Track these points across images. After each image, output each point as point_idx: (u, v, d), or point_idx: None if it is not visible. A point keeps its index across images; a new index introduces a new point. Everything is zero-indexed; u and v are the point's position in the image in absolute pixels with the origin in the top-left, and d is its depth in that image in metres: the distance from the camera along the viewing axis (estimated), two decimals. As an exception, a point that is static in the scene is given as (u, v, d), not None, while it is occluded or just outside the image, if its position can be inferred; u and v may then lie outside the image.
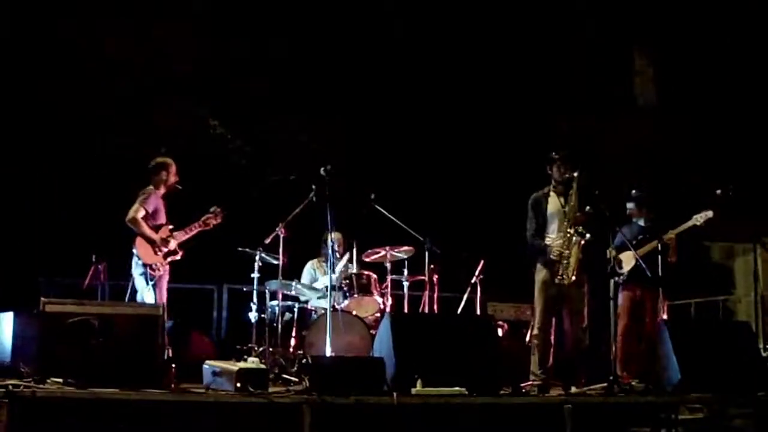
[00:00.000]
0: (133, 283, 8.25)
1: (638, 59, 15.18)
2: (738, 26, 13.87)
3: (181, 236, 8.30)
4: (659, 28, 14.33)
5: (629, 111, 14.53)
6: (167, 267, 8.14)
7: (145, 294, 7.99)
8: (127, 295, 8.29)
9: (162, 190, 8.31)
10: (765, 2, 13.39)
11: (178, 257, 8.25)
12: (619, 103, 14.46)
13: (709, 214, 8.31)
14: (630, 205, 8.88)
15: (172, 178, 8.33)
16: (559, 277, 7.55)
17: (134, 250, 8.06)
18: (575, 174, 7.68)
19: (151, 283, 7.91)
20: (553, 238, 7.70)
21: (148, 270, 7.95)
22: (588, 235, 7.52)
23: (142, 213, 8.01)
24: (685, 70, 14.19)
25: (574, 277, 7.52)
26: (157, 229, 8.12)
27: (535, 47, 13.77)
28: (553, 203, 7.77)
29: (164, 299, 8.01)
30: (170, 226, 8.24)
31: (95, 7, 12.21)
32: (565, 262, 7.56)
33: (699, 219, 8.37)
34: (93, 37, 12.20)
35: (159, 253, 8.04)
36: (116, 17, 12.32)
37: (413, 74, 13.38)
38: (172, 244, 8.15)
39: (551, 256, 7.61)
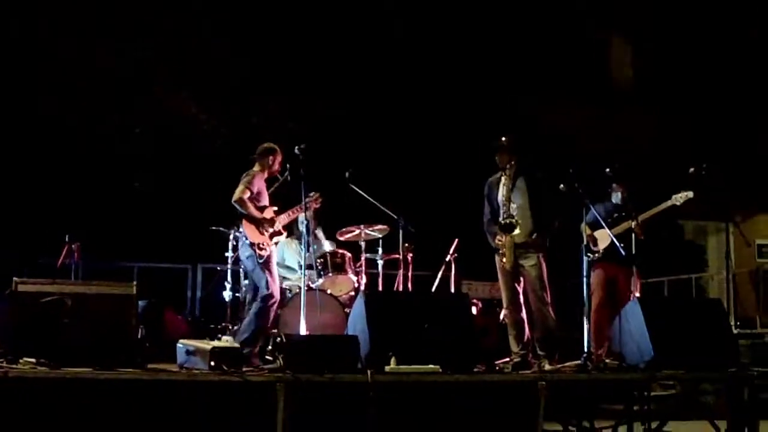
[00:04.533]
0: (244, 267, 8.31)
1: (616, 47, 15.26)
2: (715, 16, 13.97)
3: (284, 219, 8.28)
4: (637, 16, 14.41)
5: (606, 97, 14.62)
6: (273, 247, 8.09)
7: (257, 275, 7.95)
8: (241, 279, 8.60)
9: (265, 174, 8.24)
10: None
11: (282, 238, 8.23)
12: (595, 90, 14.54)
13: (690, 194, 8.24)
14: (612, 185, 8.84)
15: (276, 166, 8.24)
16: (502, 262, 7.73)
17: (241, 231, 8.01)
18: (512, 162, 7.78)
19: (260, 263, 7.84)
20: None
21: (256, 250, 7.88)
22: (517, 230, 7.59)
23: (247, 194, 7.93)
24: (661, 57, 14.29)
25: (510, 265, 7.67)
26: (261, 210, 8.06)
27: (513, 33, 13.83)
28: (503, 190, 7.83)
29: (276, 280, 7.98)
30: (274, 208, 8.19)
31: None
32: (501, 251, 7.70)
33: (679, 199, 8.29)
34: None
35: (265, 233, 7.96)
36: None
37: (391, 56, 13.39)
38: (278, 225, 8.10)
39: (495, 243, 7.78)
